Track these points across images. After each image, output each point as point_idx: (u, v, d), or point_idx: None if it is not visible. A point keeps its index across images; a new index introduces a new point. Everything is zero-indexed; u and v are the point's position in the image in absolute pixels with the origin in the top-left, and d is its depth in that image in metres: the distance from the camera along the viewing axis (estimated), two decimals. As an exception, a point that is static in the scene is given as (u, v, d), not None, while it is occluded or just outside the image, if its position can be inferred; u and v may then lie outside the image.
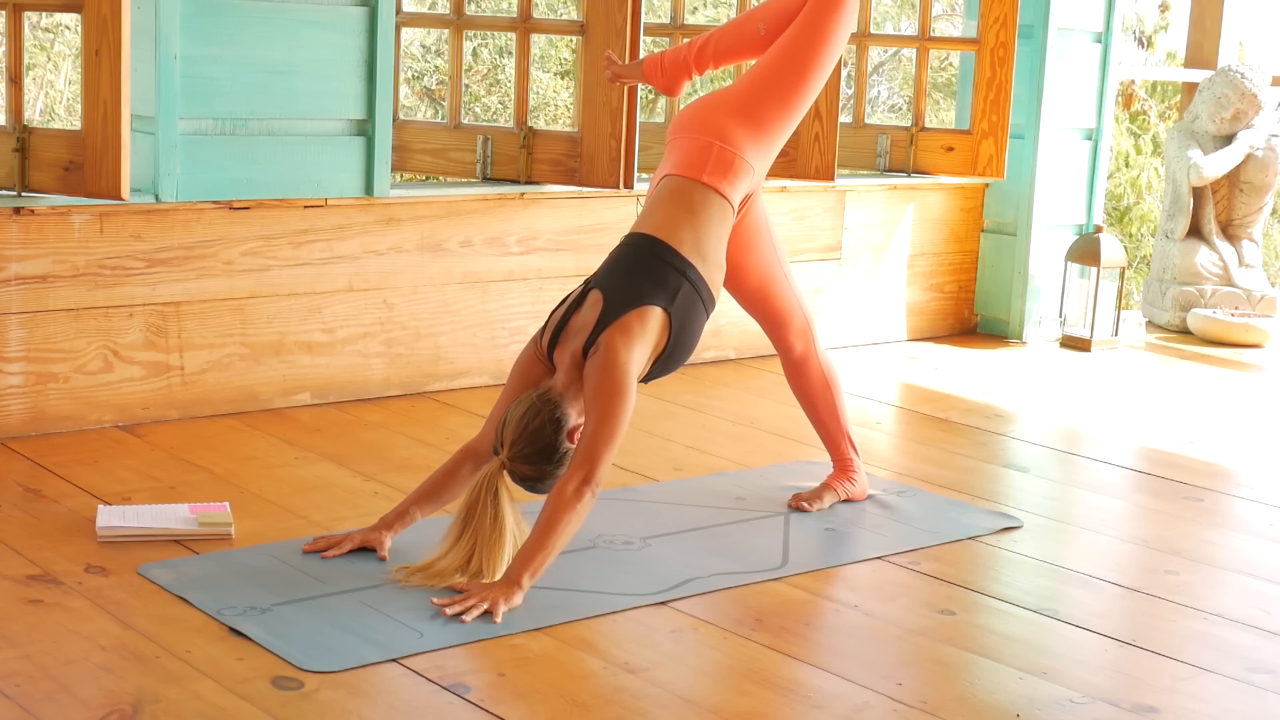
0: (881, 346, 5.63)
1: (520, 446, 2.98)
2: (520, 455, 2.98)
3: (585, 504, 2.93)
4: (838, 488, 3.65)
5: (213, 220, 4.11)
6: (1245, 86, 6.19)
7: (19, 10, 3.77)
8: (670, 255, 3.16)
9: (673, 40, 5.21)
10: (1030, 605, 3.09)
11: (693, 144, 3.32)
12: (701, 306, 3.20)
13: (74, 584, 2.93)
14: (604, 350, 3.04)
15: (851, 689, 2.64)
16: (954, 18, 12.62)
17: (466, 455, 3.18)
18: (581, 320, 3.11)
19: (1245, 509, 3.88)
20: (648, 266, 3.15)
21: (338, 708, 2.47)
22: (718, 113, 3.35)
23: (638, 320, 3.08)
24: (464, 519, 2.96)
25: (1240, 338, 6.01)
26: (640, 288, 3.11)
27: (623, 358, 3.03)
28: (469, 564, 2.95)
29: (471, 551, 2.95)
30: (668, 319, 3.13)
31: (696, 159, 3.29)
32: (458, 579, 2.94)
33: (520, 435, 2.99)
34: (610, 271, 3.18)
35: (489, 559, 2.95)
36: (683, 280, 3.15)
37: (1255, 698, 2.70)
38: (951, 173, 5.57)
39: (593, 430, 2.98)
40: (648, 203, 3.33)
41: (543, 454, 2.99)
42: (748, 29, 3.45)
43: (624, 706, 2.53)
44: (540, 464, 3.00)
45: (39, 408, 3.91)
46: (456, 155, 4.71)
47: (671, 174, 3.30)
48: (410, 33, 10.89)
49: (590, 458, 2.95)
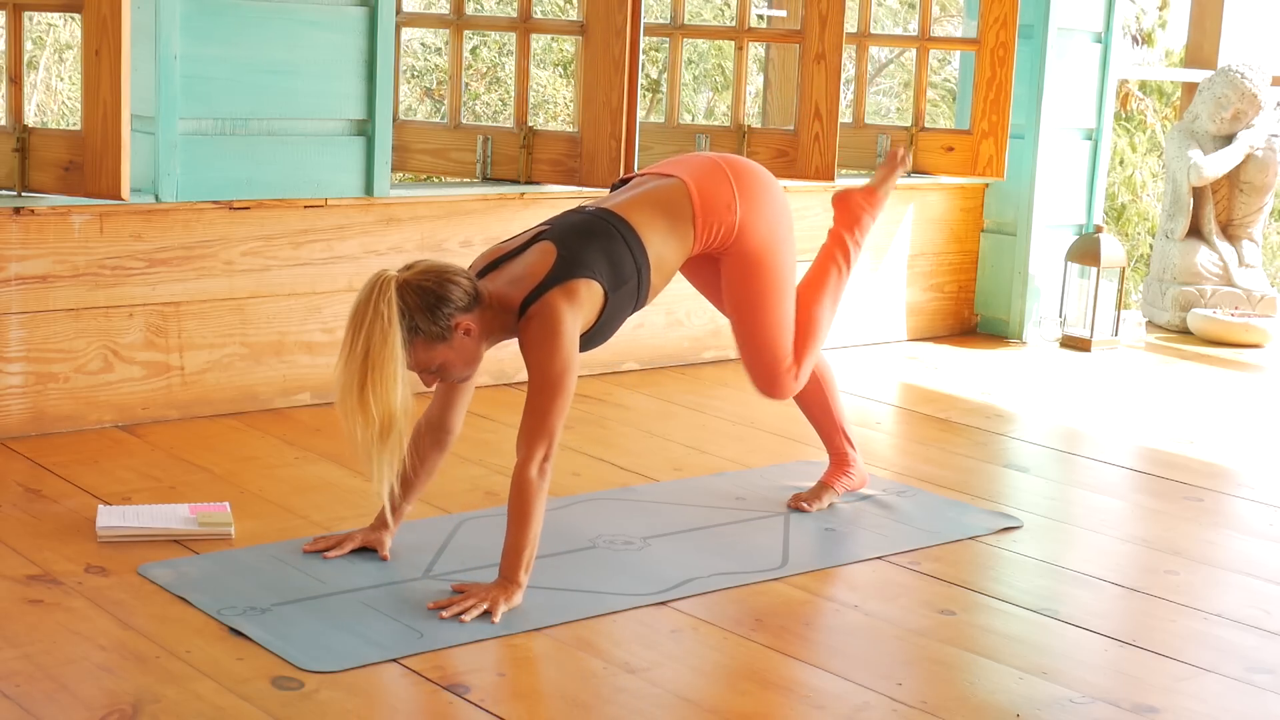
0: (881, 346, 5.63)
1: (423, 277, 2.86)
2: (417, 283, 2.85)
3: (548, 481, 2.90)
4: (835, 485, 3.65)
5: (213, 220, 4.11)
6: (1245, 86, 6.19)
7: (19, 10, 3.77)
8: (636, 247, 3.10)
9: (673, 40, 5.21)
10: (1030, 605, 3.09)
11: (708, 163, 3.28)
12: (634, 305, 3.15)
13: (74, 584, 2.93)
14: (550, 313, 2.93)
15: (851, 689, 2.64)
16: (954, 18, 12.63)
17: (421, 429, 3.15)
18: (526, 266, 3.00)
19: (1245, 509, 3.88)
20: (610, 247, 3.06)
21: (338, 708, 2.47)
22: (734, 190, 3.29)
23: (585, 289, 2.99)
24: (355, 320, 2.80)
25: (1240, 338, 6.01)
26: (595, 261, 3.02)
27: (568, 324, 2.94)
28: (363, 390, 2.78)
29: (365, 371, 2.77)
30: (605, 302, 3.05)
31: (703, 173, 3.25)
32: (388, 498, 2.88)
33: (432, 271, 2.88)
34: (570, 232, 3.07)
35: (380, 385, 2.77)
36: (635, 274, 3.09)
37: (1255, 698, 2.70)
38: (951, 173, 5.58)
39: (543, 402, 2.90)
40: (632, 190, 3.25)
41: (433, 298, 2.85)
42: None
43: (624, 706, 2.53)
44: (425, 301, 2.84)
45: (39, 408, 3.91)
46: (456, 155, 4.71)
47: (671, 175, 3.27)
48: (410, 32, 10.89)
49: (545, 431, 2.89)
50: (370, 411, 2.79)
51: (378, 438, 2.81)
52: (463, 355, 2.93)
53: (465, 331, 2.90)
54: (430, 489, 3.59)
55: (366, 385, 2.78)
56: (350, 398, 2.79)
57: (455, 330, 2.89)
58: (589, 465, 3.92)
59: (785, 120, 5.78)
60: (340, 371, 2.82)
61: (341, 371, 2.82)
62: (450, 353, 2.91)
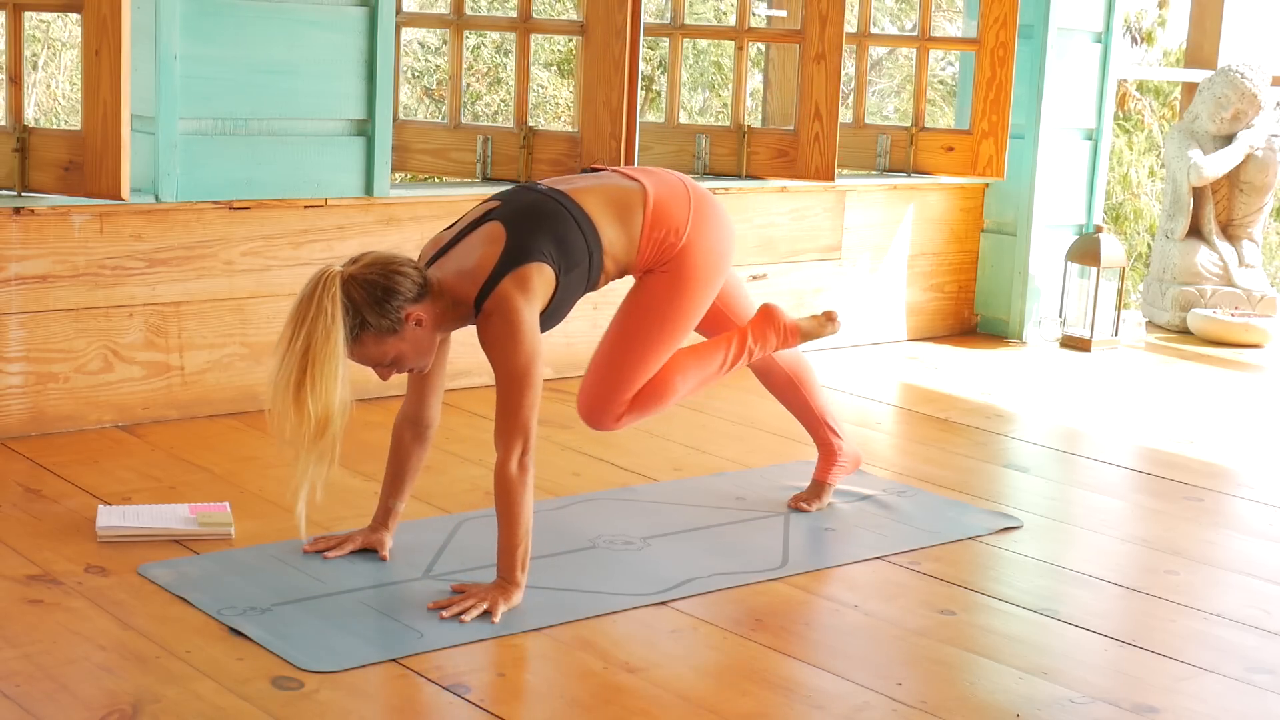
0: (881, 346, 5.63)
1: (369, 270, 2.82)
2: (363, 277, 2.81)
3: (530, 475, 2.88)
4: (829, 479, 3.63)
5: (213, 220, 4.11)
6: (1245, 86, 6.19)
7: (19, 10, 3.77)
8: (588, 229, 3.04)
9: (673, 40, 5.21)
10: (1030, 605, 3.09)
11: (676, 183, 3.22)
12: (583, 290, 3.10)
13: (74, 584, 2.93)
14: (507, 309, 2.89)
15: (851, 689, 2.64)
16: (943, 11, 12.62)
17: (400, 426, 3.14)
18: (475, 254, 2.95)
19: (1245, 509, 3.88)
20: (560, 230, 3.00)
21: (338, 708, 2.47)
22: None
23: (537, 274, 2.94)
24: (296, 316, 2.76)
25: (1240, 338, 6.01)
26: (545, 244, 2.97)
27: (526, 316, 2.90)
28: (300, 387, 2.73)
29: (304, 368, 2.72)
30: (556, 285, 3.00)
31: (667, 190, 3.19)
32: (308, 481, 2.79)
33: (377, 263, 2.85)
34: (521, 214, 3.00)
35: (320, 383, 2.73)
36: (588, 257, 3.04)
37: (1255, 698, 2.70)
38: (951, 173, 5.58)
39: (513, 398, 2.87)
40: (592, 180, 3.18)
41: (381, 290, 2.81)
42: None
43: (624, 706, 2.53)
44: (372, 295, 2.80)
45: (39, 408, 3.91)
46: (456, 155, 4.71)
47: (636, 180, 3.18)
48: (410, 32, 10.89)
49: (519, 427, 2.87)
50: (306, 409, 2.73)
51: (312, 437, 2.75)
52: (416, 346, 2.91)
53: (416, 322, 2.87)
54: (430, 489, 3.59)
55: (305, 382, 2.73)
56: (286, 394, 2.74)
57: (406, 322, 2.86)
58: (589, 465, 3.92)
59: (785, 120, 5.78)
60: (276, 367, 2.76)
61: (278, 367, 2.76)
62: (403, 345, 2.88)
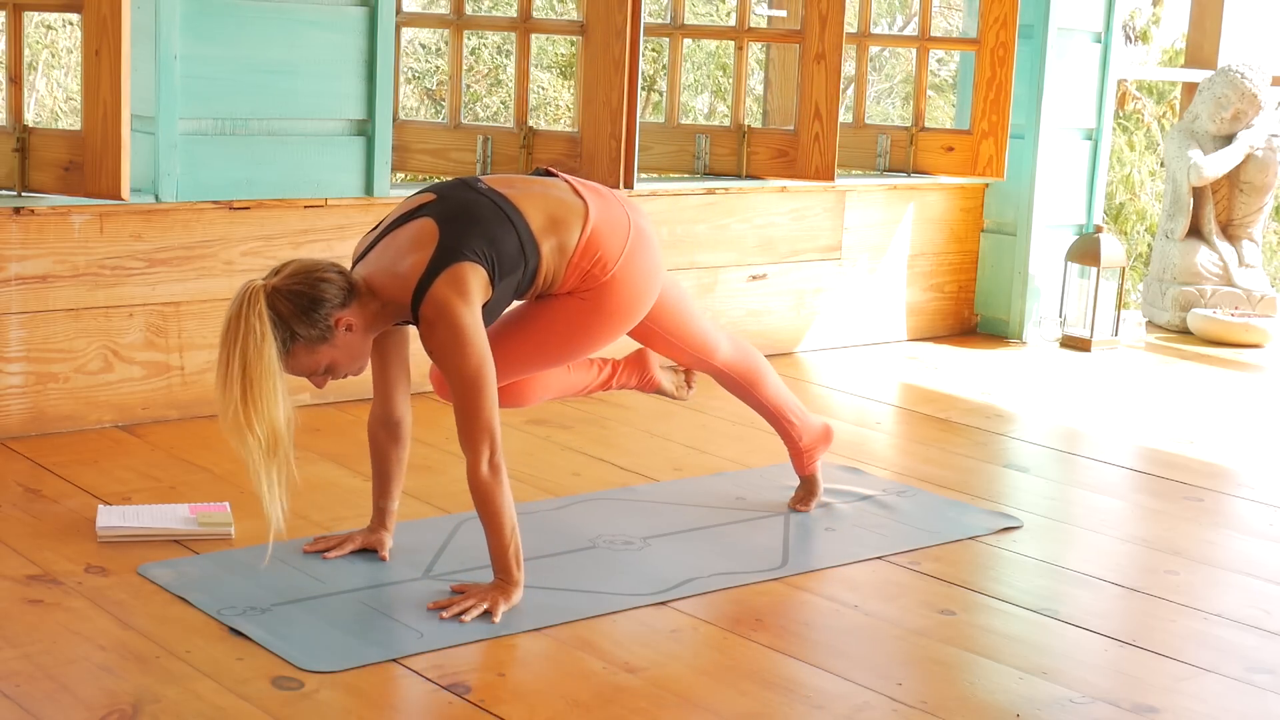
0: (881, 346, 5.63)
1: (293, 280, 2.79)
2: (287, 289, 2.78)
3: (503, 473, 2.86)
4: (806, 470, 3.60)
5: (213, 220, 4.11)
6: (1245, 86, 6.19)
7: (19, 10, 3.77)
8: (526, 237, 2.97)
9: (673, 40, 5.21)
10: (1030, 605, 3.09)
11: (620, 214, 3.14)
12: (510, 300, 3.05)
13: (74, 584, 2.93)
14: (448, 314, 2.83)
15: (851, 689, 2.64)
16: (951, 12, 12.62)
17: (374, 429, 3.13)
18: (406, 259, 2.88)
19: (1245, 509, 3.88)
20: (495, 233, 2.94)
21: (338, 708, 2.47)
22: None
23: (471, 273, 2.88)
24: (227, 337, 2.74)
25: (1240, 338, 6.01)
26: (479, 247, 2.90)
27: (468, 319, 2.84)
28: (245, 407, 2.72)
29: (244, 389, 2.71)
30: (489, 289, 2.94)
31: (610, 219, 3.11)
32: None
33: (300, 272, 2.81)
34: (456, 214, 2.93)
35: (261, 401, 2.71)
36: (522, 269, 2.98)
37: (1255, 698, 2.70)
38: (951, 173, 5.58)
39: (470, 402, 2.84)
40: (538, 188, 3.10)
41: (307, 300, 2.78)
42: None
43: (624, 706, 2.53)
44: (299, 306, 2.78)
45: (39, 408, 3.91)
46: (457, 155, 4.71)
47: (583, 198, 3.11)
48: (410, 32, 10.88)
49: (482, 429, 2.84)
50: (255, 429, 2.73)
51: (265, 455, 2.75)
52: (348, 352, 2.88)
53: (347, 328, 2.85)
54: (430, 489, 3.59)
55: (248, 402, 2.72)
56: (236, 417, 2.73)
57: (336, 328, 2.83)
58: (589, 465, 3.92)
59: (785, 120, 5.78)
60: (220, 392, 2.76)
61: (222, 392, 2.75)
62: (335, 352, 2.86)
